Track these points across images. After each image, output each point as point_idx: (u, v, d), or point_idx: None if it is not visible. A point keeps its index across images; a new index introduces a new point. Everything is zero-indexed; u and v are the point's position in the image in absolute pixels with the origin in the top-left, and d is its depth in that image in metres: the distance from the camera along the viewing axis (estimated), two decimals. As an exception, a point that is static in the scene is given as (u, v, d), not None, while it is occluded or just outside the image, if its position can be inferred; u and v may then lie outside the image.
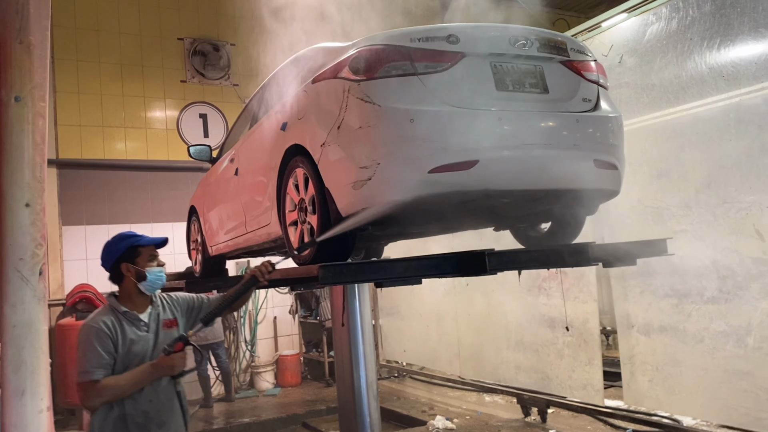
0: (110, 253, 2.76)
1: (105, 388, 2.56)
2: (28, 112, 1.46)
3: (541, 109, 3.11)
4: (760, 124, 4.10)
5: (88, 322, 2.61)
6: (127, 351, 2.64)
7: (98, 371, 2.54)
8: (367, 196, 2.90)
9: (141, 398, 2.67)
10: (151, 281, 2.86)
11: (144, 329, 2.77)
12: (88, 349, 2.53)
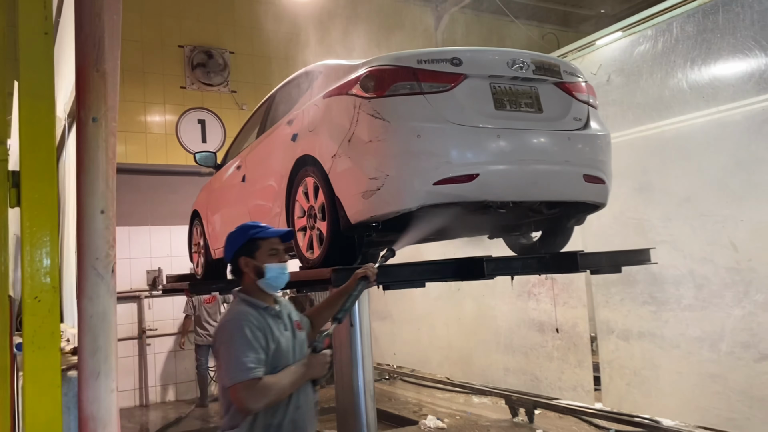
0: (231, 246, 2.59)
1: (268, 388, 2.27)
2: (102, 131, 1.68)
3: (536, 127, 3.38)
4: (737, 142, 4.41)
5: (234, 317, 2.40)
6: (276, 349, 2.39)
7: (259, 368, 2.28)
8: (376, 205, 3.15)
9: (290, 405, 2.39)
10: (270, 279, 2.54)
11: (283, 328, 2.52)
12: (242, 344, 2.29)
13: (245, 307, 2.49)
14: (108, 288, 1.69)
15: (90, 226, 1.67)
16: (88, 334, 1.65)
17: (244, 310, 2.46)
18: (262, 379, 2.26)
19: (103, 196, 1.69)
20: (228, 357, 2.32)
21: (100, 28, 1.71)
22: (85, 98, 1.70)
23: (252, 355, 2.29)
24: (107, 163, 1.71)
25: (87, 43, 1.71)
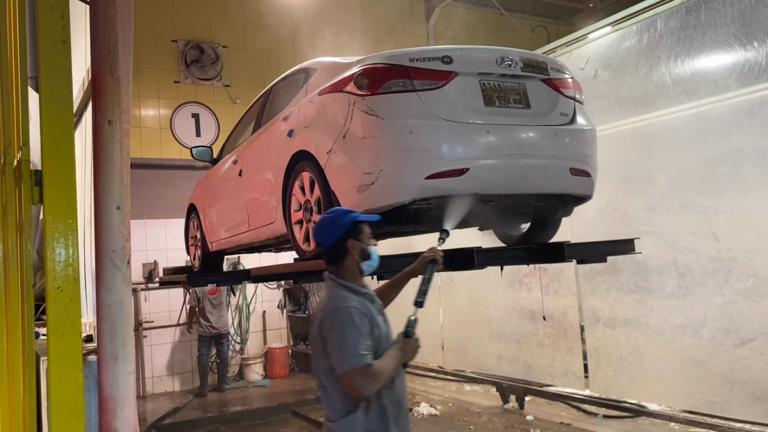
0: (335, 228, 2.57)
1: (378, 374, 2.34)
2: (117, 133, 1.79)
3: (524, 123, 3.51)
4: (718, 135, 4.57)
5: (341, 304, 2.42)
6: (378, 335, 2.45)
7: (369, 355, 2.34)
8: (370, 199, 3.28)
9: (394, 387, 2.47)
10: (373, 261, 2.63)
11: (377, 312, 2.58)
12: (351, 332, 2.34)
13: (346, 292, 2.51)
14: (124, 278, 1.81)
15: (107, 221, 1.80)
16: (106, 322, 1.78)
17: (347, 295, 2.49)
18: (372, 365, 2.31)
19: (118, 194, 1.82)
20: (340, 344, 2.35)
21: (114, 37, 1.83)
22: (101, 102, 1.82)
23: (362, 341, 2.35)
24: (122, 162, 1.84)
25: (102, 51, 1.83)
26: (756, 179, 4.33)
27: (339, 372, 2.34)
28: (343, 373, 2.33)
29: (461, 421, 6.08)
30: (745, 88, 4.36)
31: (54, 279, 1.70)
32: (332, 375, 2.40)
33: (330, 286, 2.57)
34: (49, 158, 1.72)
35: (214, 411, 7.36)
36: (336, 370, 2.36)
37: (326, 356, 2.41)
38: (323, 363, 2.44)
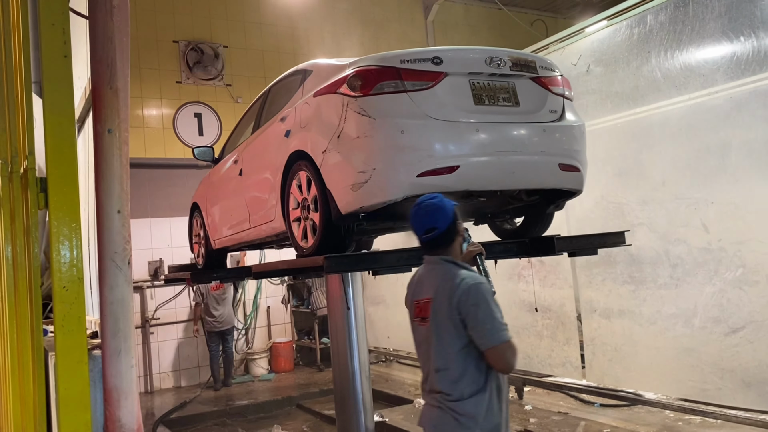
0: (446, 212, 2.70)
1: (516, 347, 2.45)
2: (116, 141, 1.90)
3: (513, 120, 3.62)
4: (707, 128, 4.65)
5: (478, 281, 2.51)
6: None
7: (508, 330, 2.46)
8: (364, 196, 3.39)
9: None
10: (467, 242, 2.79)
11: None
12: (495, 307, 2.44)
13: (469, 271, 2.63)
14: (125, 278, 1.93)
15: (108, 224, 1.92)
16: (110, 318, 1.90)
17: (474, 274, 2.62)
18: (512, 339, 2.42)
19: (119, 198, 1.94)
20: (489, 318, 2.42)
21: (112, 51, 1.95)
22: (101, 112, 1.94)
23: (501, 317, 2.45)
24: (121, 168, 1.95)
25: (101, 64, 1.95)
26: (744, 171, 4.41)
27: (489, 345, 2.40)
28: (494, 347, 2.40)
29: (461, 412, 6.20)
30: (732, 81, 4.44)
31: (60, 279, 1.81)
32: (468, 353, 2.46)
33: (446, 268, 2.65)
34: (53, 166, 1.83)
35: (220, 405, 7.51)
36: (482, 345, 2.42)
37: (460, 334, 2.47)
38: (456, 342, 2.48)
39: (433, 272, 2.73)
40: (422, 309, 2.66)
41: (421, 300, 2.69)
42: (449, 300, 2.54)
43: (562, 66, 5.70)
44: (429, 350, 2.61)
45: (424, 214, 2.77)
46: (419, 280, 2.82)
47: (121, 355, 1.91)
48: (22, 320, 1.87)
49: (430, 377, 2.62)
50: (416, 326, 2.73)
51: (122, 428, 1.88)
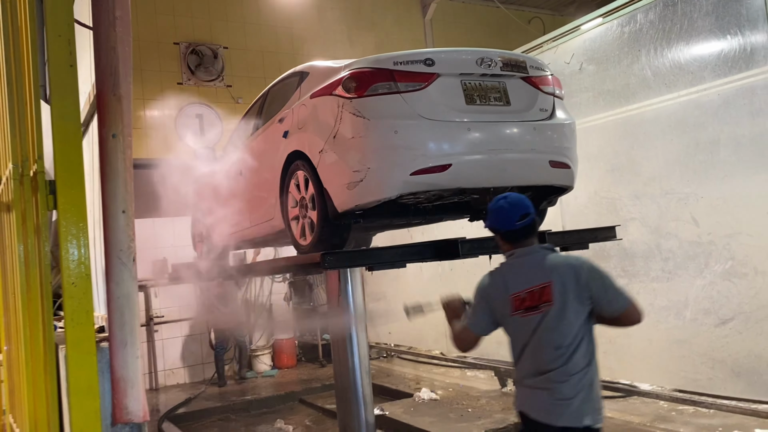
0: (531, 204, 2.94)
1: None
2: (120, 145, 2.01)
3: (504, 119, 3.72)
4: (696, 125, 4.75)
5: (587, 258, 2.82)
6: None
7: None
8: (359, 195, 3.50)
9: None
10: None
11: None
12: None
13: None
14: (131, 274, 2.05)
15: (114, 223, 2.03)
16: (116, 312, 2.02)
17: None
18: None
19: (123, 199, 2.05)
20: (614, 284, 2.73)
21: (115, 59, 2.06)
22: (105, 118, 2.06)
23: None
24: (126, 171, 2.07)
25: (105, 73, 2.06)
26: (732, 166, 4.51)
27: (625, 306, 2.71)
28: (630, 306, 2.71)
29: (460, 405, 6.32)
30: (720, 79, 4.54)
31: (69, 276, 1.93)
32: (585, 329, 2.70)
33: (550, 254, 2.85)
34: (61, 170, 1.95)
35: (224, 401, 7.64)
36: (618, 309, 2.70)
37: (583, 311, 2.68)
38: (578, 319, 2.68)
39: (536, 259, 2.82)
40: (537, 295, 2.72)
41: (535, 287, 2.73)
42: (576, 280, 2.69)
43: (555, 64, 5.81)
44: (555, 333, 2.68)
45: (513, 202, 2.89)
46: (517, 271, 2.84)
47: (127, 346, 2.02)
48: (34, 315, 1.99)
49: (544, 359, 2.69)
50: (518, 318, 2.77)
51: (129, 415, 1.99)
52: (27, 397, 2.01)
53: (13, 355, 2.30)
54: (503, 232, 2.90)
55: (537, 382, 2.71)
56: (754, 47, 4.34)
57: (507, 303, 2.79)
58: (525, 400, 2.79)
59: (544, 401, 2.68)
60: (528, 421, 2.75)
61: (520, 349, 2.80)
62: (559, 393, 2.63)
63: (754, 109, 4.36)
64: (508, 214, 2.87)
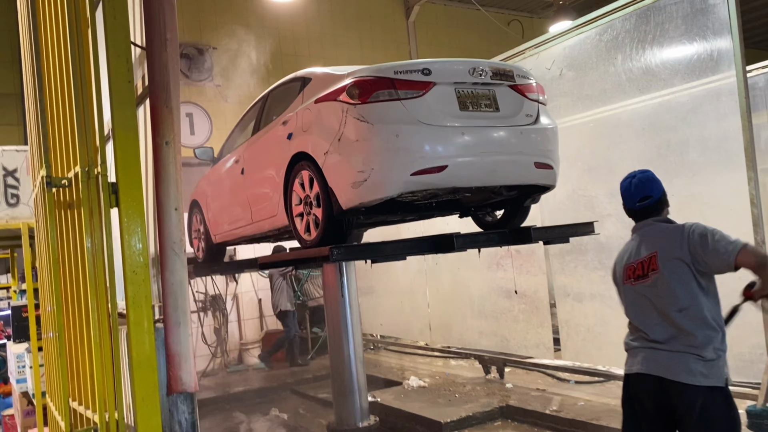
0: (659, 183, 3.25)
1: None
2: (172, 151, 2.29)
3: (494, 124, 4.06)
4: (667, 126, 5.15)
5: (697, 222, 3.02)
6: None
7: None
8: (363, 193, 3.82)
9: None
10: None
11: None
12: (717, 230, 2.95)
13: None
14: (182, 263, 2.35)
15: (167, 220, 2.33)
16: (170, 296, 2.32)
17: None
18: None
19: (175, 198, 2.35)
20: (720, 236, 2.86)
21: (167, 76, 2.35)
22: (159, 127, 2.35)
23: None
24: (177, 173, 2.37)
25: (158, 87, 2.35)
26: (700, 166, 4.92)
27: (734, 253, 2.77)
28: (740, 250, 2.77)
29: (447, 391, 6.68)
30: (689, 83, 4.94)
31: (130, 265, 2.22)
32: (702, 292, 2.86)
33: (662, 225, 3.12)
34: (122, 173, 2.23)
35: (219, 392, 7.90)
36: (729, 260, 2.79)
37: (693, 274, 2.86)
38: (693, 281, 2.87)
39: (648, 233, 3.11)
40: (643, 266, 2.99)
41: (641, 259, 3.01)
42: (680, 245, 2.92)
43: (537, 70, 6.19)
44: (662, 299, 2.91)
45: (638, 183, 3.22)
46: (631, 247, 3.16)
47: (180, 326, 2.32)
48: (101, 301, 2.27)
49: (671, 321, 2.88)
50: (629, 288, 3.07)
51: (183, 385, 2.30)
52: (96, 375, 2.29)
53: (76, 341, 2.59)
54: (627, 210, 3.29)
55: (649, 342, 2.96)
56: (720, 55, 4.74)
57: (621, 272, 3.18)
58: (630, 359, 3.05)
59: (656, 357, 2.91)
60: (632, 378, 3.01)
61: (634, 315, 3.09)
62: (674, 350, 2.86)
63: (720, 113, 4.77)
64: (632, 194, 3.24)
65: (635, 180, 3.27)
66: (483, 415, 5.71)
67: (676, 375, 2.84)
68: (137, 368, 2.18)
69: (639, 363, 3.00)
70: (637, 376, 2.99)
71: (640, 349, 3.03)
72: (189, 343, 2.33)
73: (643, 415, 3.01)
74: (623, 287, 3.15)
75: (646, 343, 3.00)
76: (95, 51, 2.33)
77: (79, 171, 2.31)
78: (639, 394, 3.00)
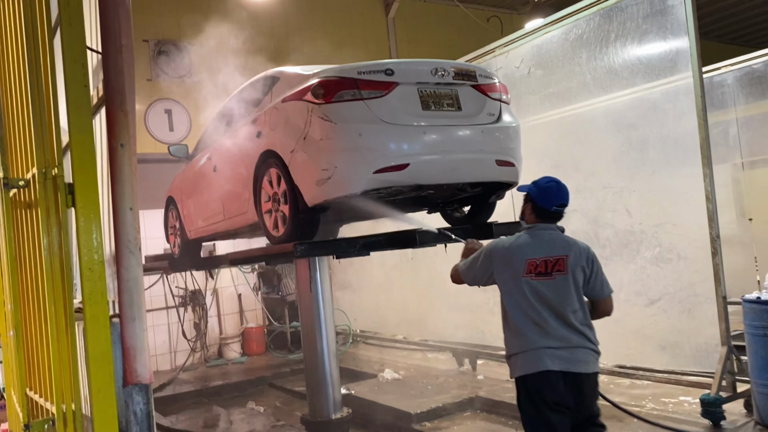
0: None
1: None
2: (127, 152, 2.38)
3: (456, 123, 4.18)
4: (629, 124, 5.30)
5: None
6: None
7: None
8: (327, 191, 3.92)
9: None
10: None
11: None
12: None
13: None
14: (137, 261, 2.44)
15: (123, 219, 2.42)
16: (126, 293, 2.41)
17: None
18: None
19: (130, 198, 2.44)
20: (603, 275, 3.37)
21: (122, 80, 2.44)
22: (115, 130, 2.44)
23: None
24: (131, 175, 2.46)
25: (114, 92, 2.44)
26: (659, 163, 5.07)
27: (608, 294, 3.38)
28: (609, 296, 3.38)
29: (420, 383, 6.81)
30: (649, 83, 5.09)
31: (86, 262, 2.30)
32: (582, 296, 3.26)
33: (565, 236, 3.39)
34: (78, 174, 2.32)
35: (197, 385, 7.99)
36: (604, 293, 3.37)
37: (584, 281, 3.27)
38: (581, 285, 3.25)
39: (554, 237, 3.35)
40: (547, 264, 3.23)
41: (546, 257, 3.24)
42: (585, 259, 3.27)
43: (506, 68, 6.31)
44: (561, 296, 3.20)
45: (563, 189, 3.44)
46: (529, 244, 3.31)
47: (135, 321, 2.42)
48: (57, 297, 2.36)
49: (563, 317, 3.19)
50: (527, 281, 3.24)
51: (138, 377, 2.39)
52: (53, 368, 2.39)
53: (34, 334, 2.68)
54: (540, 207, 3.39)
55: (546, 339, 3.16)
56: (678, 56, 4.88)
57: (521, 264, 3.26)
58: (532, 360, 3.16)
59: (560, 354, 3.13)
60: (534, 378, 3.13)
61: (526, 307, 3.24)
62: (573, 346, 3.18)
63: (678, 112, 4.91)
64: (555, 196, 3.40)
65: (560, 185, 3.45)
66: (453, 406, 5.84)
67: (580, 368, 3.16)
68: (93, 361, 2.27)
69: (543, 362, 3.13)
70: (542, 375, 3.11)
71: (539, 350, 3.16)
72: (144, 338, 2.43)
73: (547, 408, 3.12)
74: (521, 279, 3.25)
75: (546, 342, 3.15)
76: (52, 56, 2.41)
77: (36, 172, 2.40)
78: (544, 390, 3.12)
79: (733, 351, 4.64)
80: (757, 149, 7.60)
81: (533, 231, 3.37)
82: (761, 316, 4.27)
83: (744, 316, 4.44)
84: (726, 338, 4.62)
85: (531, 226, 3.41)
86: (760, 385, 4.32)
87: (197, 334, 9.35)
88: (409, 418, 5.64)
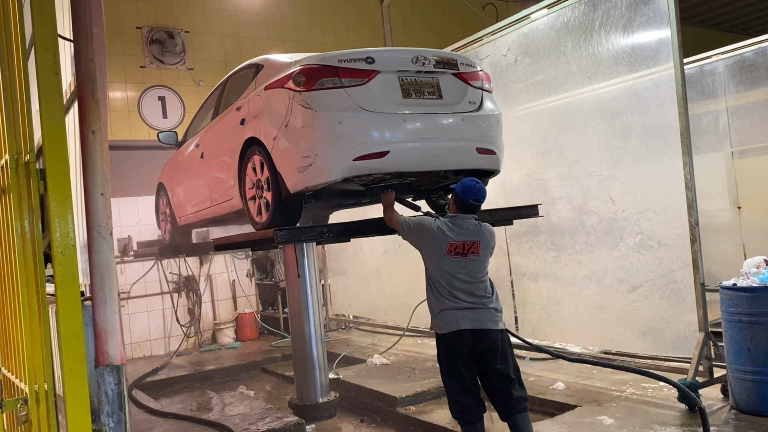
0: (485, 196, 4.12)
1: None
2: (98, 139, 2.41)
3: (437, 111, 4.21)
4: (612, 114, 5.33)
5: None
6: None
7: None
8: (308, 178, 3.97)
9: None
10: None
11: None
12: None
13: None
14: (108, 245, 2.50)
15: (94, 204, 2.47)
16: (97, 276, 2.47)
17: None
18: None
19: (101, 184, 2.49)
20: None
21: (93, 68, 2.48)
22: (86, 117, 2.48)
23: None
24: (103, 161, 2.51)
25: (85, 79, 2.48)
26: (641, 152, 5.11)
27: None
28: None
29: (408, 368, 6.89)
30: (632, 73, 5.11)
31: (58, 246, 2.36)
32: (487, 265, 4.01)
33: (479, 224, 4.02)
34: (50, 160, 2.38)
35: (190, 370, 8.08)
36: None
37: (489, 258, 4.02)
38: (487, 262, 4.01)
39: (471, 226, 3.97)
40: (464, 246, 3.90)
41: (464, 241, 3.90)
42: (492, 242, 4.02)
43: (494, 56, 6.33)
44: (472, 272, 3.89)
45: (481, 188, 4.00)
46: (459, 227, 3.95)
47: (107, 303, 2.48)
48: (30, 280, 2.42)
49: (473, 288, 3.88)
50: (447, 258, 3.89)
51: (110, 359, 2.46)
52: (26, 349, 2.45)
53: (8, 316, 2.74)
54: (460, 200, 3.98)
55: (460, 303, 3.85)
56: (660, 46, 4.90)
57: (444, 244, 3.89)
58: (450, 321, 3.85)
59: (469, 315, 3.82)
60: (451, 336, 3.82)
61: (446, 277, 3.89)
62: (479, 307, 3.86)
63: (660, 101, 4.94)
64: (473, 193, 3.98)
65: (479, 185, 4.02)
66: (438, 390, 5.91)
67: (488, 325, 3.82)
68: (65, 343, 2.33)
69: (458, 323, 3.81)
70: (457, 333, 3.79)
71: (455, 311, 3.85)
72: (116, 320, 2.49)
73: (460, 363, 3.83)
74: (443, 257, 3.89)
75: (460, 303, 3.85)
76: (24, 44, 2.46)
77: (8, 159, 2.45)
78: (458, 346, 3.81)
79: (710, 337, 4.70)
80: (747, 138, 7.61)
81: (455, 219, 3.99)
82: (737, 303, 4.33)
83: (721, 303, 4.49)
84: (704, 324, 4.68)
85: (454, 215, 4.03)
86: (735, 371, 4.38)
87: (191, 320, 9.44)
88: (394, 402, 5.72)
